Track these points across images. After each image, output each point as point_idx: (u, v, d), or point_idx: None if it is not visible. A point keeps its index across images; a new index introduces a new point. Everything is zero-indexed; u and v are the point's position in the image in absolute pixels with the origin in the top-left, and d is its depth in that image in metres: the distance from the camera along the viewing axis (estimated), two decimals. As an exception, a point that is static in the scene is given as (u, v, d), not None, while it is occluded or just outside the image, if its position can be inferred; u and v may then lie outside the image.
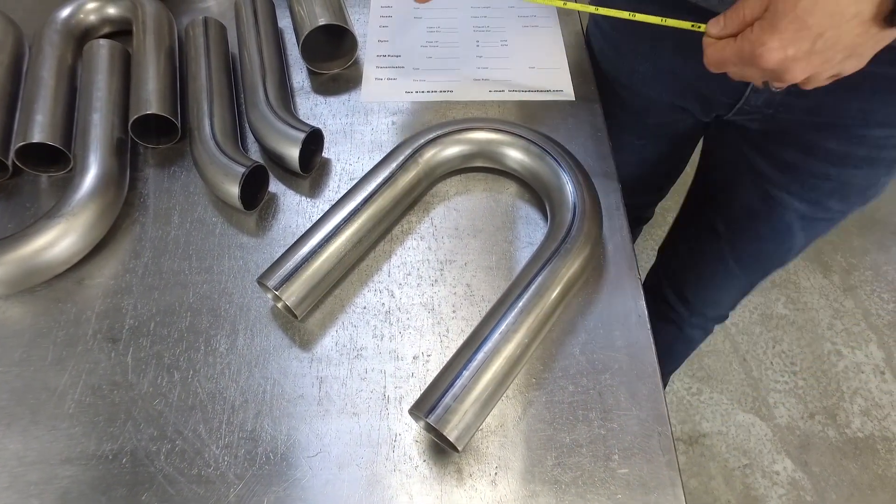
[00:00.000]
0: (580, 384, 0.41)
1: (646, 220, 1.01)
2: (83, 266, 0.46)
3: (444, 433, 0.34)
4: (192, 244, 0.47)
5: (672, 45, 0.56)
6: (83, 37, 0.59)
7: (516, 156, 0.49)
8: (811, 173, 0.56)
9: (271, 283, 0.41)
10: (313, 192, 0.51)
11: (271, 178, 0.51)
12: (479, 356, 0.37)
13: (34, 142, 0.46)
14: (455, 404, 0.35)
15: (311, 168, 0.52)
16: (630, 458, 0.38)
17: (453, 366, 0.37)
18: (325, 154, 0.53)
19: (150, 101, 0.50)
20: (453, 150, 0.49)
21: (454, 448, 0.35)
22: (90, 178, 0.46)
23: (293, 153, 0.48)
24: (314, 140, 0.51)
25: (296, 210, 0.50)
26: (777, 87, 0.39)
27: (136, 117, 0.49)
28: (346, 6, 0.59)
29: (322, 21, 0.54)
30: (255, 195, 0.49)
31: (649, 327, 0.43)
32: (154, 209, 0.50)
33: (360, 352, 0.42)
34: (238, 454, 0.38)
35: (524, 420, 0.39)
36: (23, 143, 0.47)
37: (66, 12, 0.58)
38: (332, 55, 0.60)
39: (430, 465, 0.38)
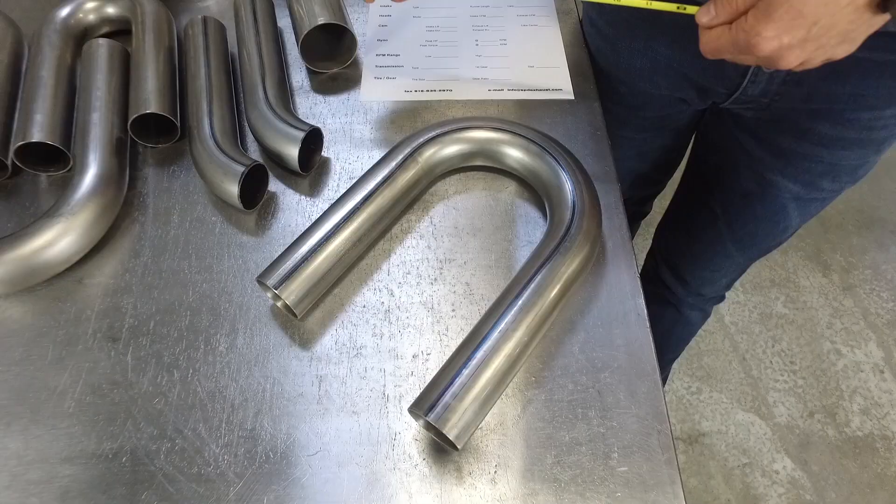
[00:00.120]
0: (579, 382, 0.41)
1: (644, 214, 1.02)
2: (83, 265, 0.46)
3: (444, 431, 0.34)
4: (192, 243, 0.47)
5: (668, 39, 0.56)
6: (82, 36, 0.59)
7: (515, 155, 0.49)
8: (805, 156, 0.58)
9: (271, 282, 0.41)
10: (313, 191, 0.51)
11: (271, 177, 0.51)
12: (479, 355, 0.37)
13: (33, 141, 0.46)
14: (454, 403, 0.35)
15: (310, 167, 0.52)
16: (629, 456, 0.38)
17: (453, 364, 0.37)
18: (325, 153, 0.53)
19: (150, 100, 0.50)
20: (452, 149, 0.49)
21: (453, 446, 0.35)
22: (89, 178, 0.46)
23: (292, 152, 0.48)
24: (313, 139, 0.51)
25: (295, 209, 0.50)
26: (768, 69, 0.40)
27: (135, 117, 0.49)
28: (346, 5, 0.59)
29: (321, 20, 0.54)
30: (255, 194, 0.49)
31: (648, 326, 0.43)
32: (153, 208, 0.50)
33: (360, 350, 0.42)
34: (238, 453, 0.38)
35: (523, 418, 0.39)
36: (22, 143, 0.47)
37: (65, 12, 0.58)
38: (332, 54, 0.60)
39: (430, 464, 0.38)
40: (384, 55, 0.61)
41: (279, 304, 0.44)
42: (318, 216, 0.45)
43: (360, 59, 0.61)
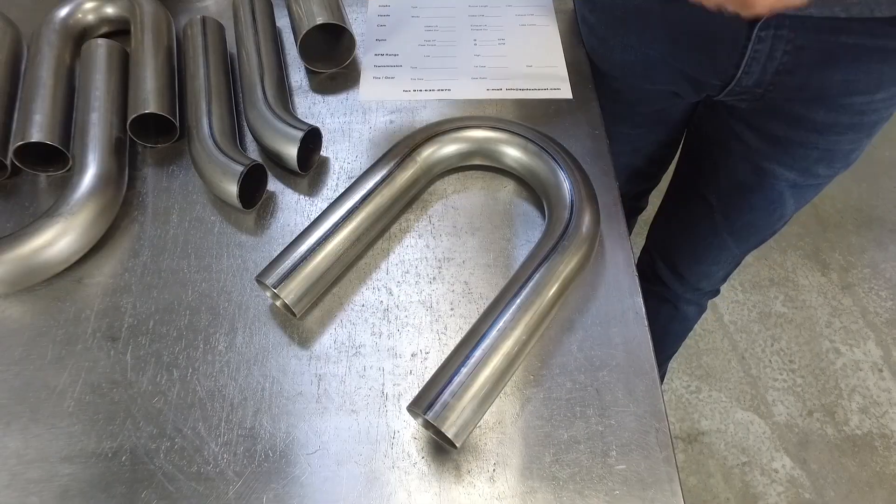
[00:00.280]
0: (578, 381, 0.41)
1: (640, 210, 1.02)
2: (82, 265, 0.46)
3: (443, 430, 0.34)
4: (191, 243, 0.48)
5: (660, 34, 0.56)
6: (81, 36, 0.59)
7: (514, 154, 0.49)
8: (800, 144, 0.59)
9: (270, 282, 0.41)
10: (312, 190, 0.51)
11: (270, 176, 0.51)
12: (477, 353, 0.37)
13: (33, 141, 0.47)
14: (453, 401, 0.35)
15: (309, 167, 0.52)
16: (627, 454, 0.38)
17: (451, 363, 0.37)
18: (324, 153, 0.54)
19: (149, 100, 0.50)
20: (451, 149, 0.49)
21: (452, 445, 0.36)
22: (89, 178, 0.46)
23: (291, 152, 0.48)
24: (312, 139, 0.51)
25: (294, 208, 0.50)
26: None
27: (134, 116, 0.50)
28: (344, 5, 0.59)
29: (320, 20, 0.54)
30: (254, 194, 0.49)
31: (646, 324, 0.43)
32: (153, 208, 0.50)
33: (359, 349, 0.42)
34: (237, 452, 0.38)
35: (522, 417, 0.40)
36: (21, 143, 0.47)
37: (63, 12, 0.58)
38: (330, 54, 0.60)
39: (429, 462, 0.38)
40: (383, 55, 0.62)
41: (278, 303, 0.44)
42: (317, 215, 0.45)
43: (359, 58, 0.61)
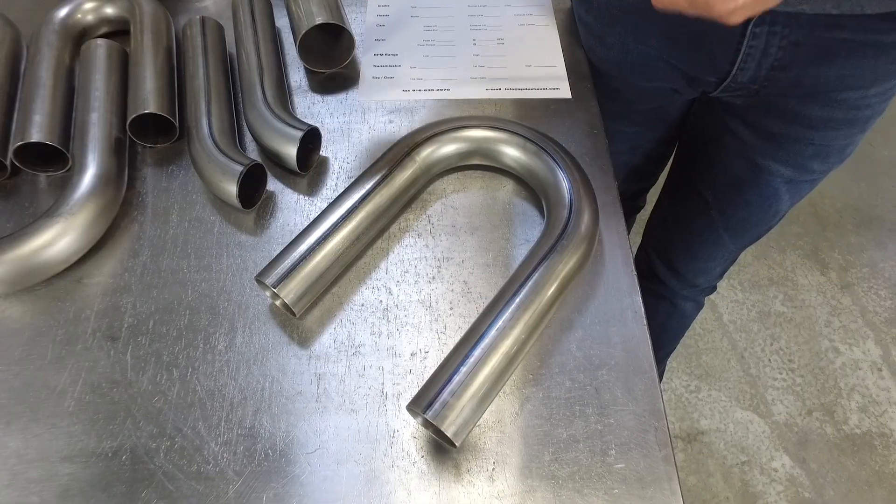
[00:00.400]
0: (577, 380, 0.41)
1: (638, 209, 1.02)
2: (82, 265, 0.46)
3: (442, 429, 0.34)
4: (191, 243, 0.48)
5: (656, 32, 0.57)
6: (81, 37, 0.59)
7: (513, 153, 0.49)
8: (796, 140, 0.59)
9: (269, 281, 0.41)
10: (311, 190, 0.51)
11: (269, 176, 0.51)
12: (477, 352, 0.37)
13: (32, 141, 0.47)
14: (452, 400, 0.35)
15: (308, 166, 0.52)
16: (627, 453, 0.38)
17: (451, 362, 0.37)
18: (323, 152, 0.54)
19: (148, 100, 0.50)
20: (450, 148, 0.50)
21: (452, 444, 0.36)
22: (88, 178, 0.46)
23: (291, 152, 0.48)
24: (312, 138, 0.51)
25: (294, 208, 0.50)
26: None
27: (133, 117, 0.50)
28: (343, 5, 0.59)
29: (319, 20, 0.54)
30: (254, 194, 0.49)
31: (645, 323, 0.43)
32: (152, 208, 0.50)
33: (358, 349, 0.42)
34: (237, 451, 0.38)
35: (521, 416, 0.40)
36: (21, 143, 0.47)
37: (63, 12, 0.58)
38: (330, 54, 0.60)
39: (428, 461, 0.38)
40: (382, 55, 0.62)
41: (278, 302, 0.44)
42: (317, 215, 0.45)
43: (358, 58, 0.61)
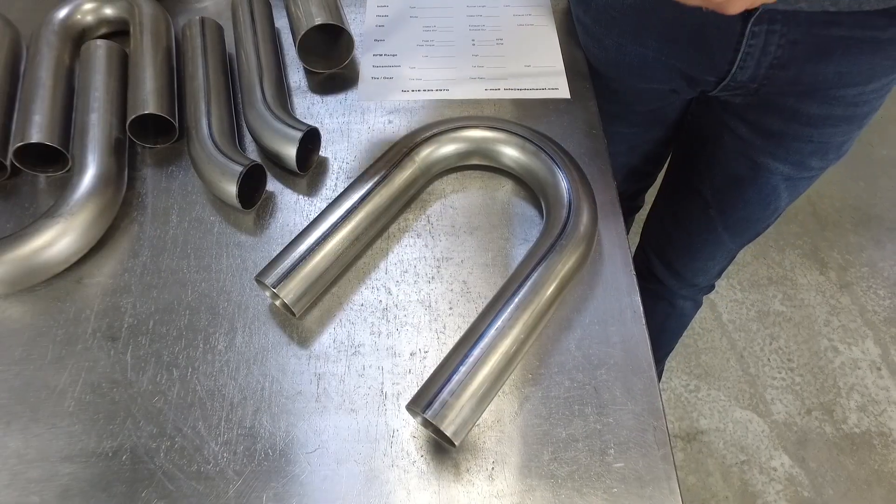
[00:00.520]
0: (576, 379, 0.41)
1: (637, 209, 1.02)
2: (82, 265, 0.46)
3: (441, 428, 0.34)
4: (191, 243, 0.48)
5: (655, 33, 0.57)
6: (80, 37, 0.59)
7: (512, 153, 0.50)
8: (794, 137, 0.59)
9: (269, 281, 0.41)
10: (311, 190, 0.51)
11: (269, 176, 0.51)
12: (476, 352, 0.37)
13: (32, 142, 0.47)
14: (452, 400, 0.35)
15: (308, 167, 0.52)
16: (626, 452, 0.38)
17: (450, 362, 0.37)
18: (323, 153, 0.54)
19: (148, 101, 0.50)
20: (449, 149, 0.50)
21: (451, 443, 0.36)
22: (88, 178, 0.46)
23: (290, 152, 0.48)
24: (311, 139, 0.52)
25: (293, 208, 0.50)
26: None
27: (133, 117, 0.50)
28: (343, 5, 0.59)
29: (318, 21, 0.54)
30: (253, 194, 0.49)
31: (644, 322, 0.43)
32: (152, 208, 0.50)
33: (358, 349, 0.43)
34: (237, 451, 0.38)
35: (520, 415, 0.40)
36: (21, 144, 0.47)
37: (63, 13, 0.58)
38: (329, 54, 0.60)
39: (428, 461, 0.38)
40: (381, 55, 0.62)
41: (277, 302, 0.44)
42: (316, 215, 0.45)
43: (358, 59, 0.61)
